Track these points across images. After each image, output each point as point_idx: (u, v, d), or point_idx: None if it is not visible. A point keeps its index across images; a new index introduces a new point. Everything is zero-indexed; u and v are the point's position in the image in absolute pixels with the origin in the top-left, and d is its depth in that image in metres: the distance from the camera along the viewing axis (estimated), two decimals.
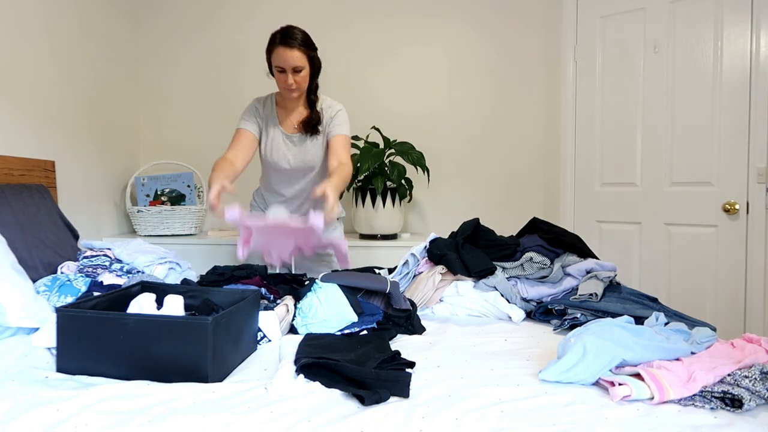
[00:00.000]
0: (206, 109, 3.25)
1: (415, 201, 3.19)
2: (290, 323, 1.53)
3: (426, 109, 3.16)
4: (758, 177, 2.41)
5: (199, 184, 3.07)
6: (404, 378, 1.09)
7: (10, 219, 1.82)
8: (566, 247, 1.87)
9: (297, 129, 2.13)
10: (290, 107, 2.14)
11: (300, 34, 1.98)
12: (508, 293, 1.75)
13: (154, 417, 0.95)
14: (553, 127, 3.04)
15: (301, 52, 1.96)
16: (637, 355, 1.11)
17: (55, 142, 2.48)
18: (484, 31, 3.11)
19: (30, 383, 1.09)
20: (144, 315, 1.20)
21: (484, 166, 3.15)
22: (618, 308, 1.54)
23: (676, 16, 2.61)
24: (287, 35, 1.96)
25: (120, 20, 3.03)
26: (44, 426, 0.92)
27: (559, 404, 1.02)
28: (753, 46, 2.42)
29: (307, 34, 2.01)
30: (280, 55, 1.96)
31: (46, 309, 1.44)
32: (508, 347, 1.41)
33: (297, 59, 1.96)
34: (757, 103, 2.40)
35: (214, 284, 1.70)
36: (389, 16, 3.14)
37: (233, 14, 3.22)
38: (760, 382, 1.01)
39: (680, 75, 2.61)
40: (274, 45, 1.98)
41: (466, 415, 0.97)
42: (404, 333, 1.54)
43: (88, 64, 2.72)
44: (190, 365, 1.12)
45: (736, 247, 2.48)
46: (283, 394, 1.06)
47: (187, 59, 3.25)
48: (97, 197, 2.83)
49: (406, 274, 1.93)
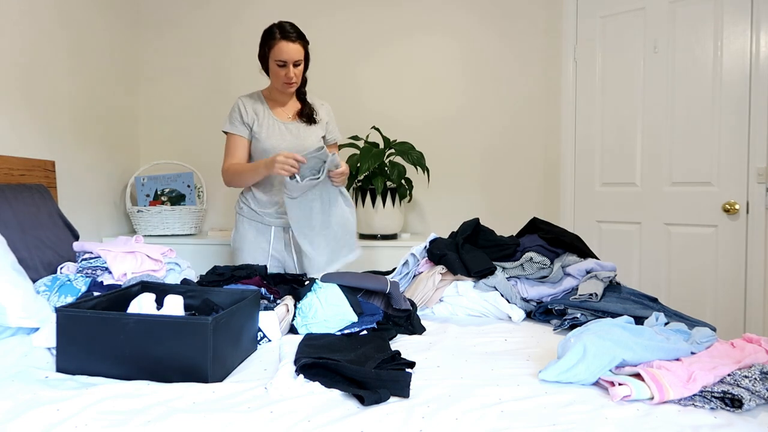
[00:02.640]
0: (206, 109, 3.25)
1: (415, 201, 3.19)
2: (290, 323, 1.53)
3: (426, 108, 3.16)
4: (758, 177, 2.41)
5: (199, 184, 3.07)
6: (404, 378, 1.09)
7: (10, 219, 1.82)
8: (566, 247, 1.87)
9: (292, 118, 2.18)
10: (280, 100, 2.19)
11: (297, 28, 2.06)
12: (508, 293, 1.75)
13: (154, 417, 0.95)
14: (553, 127, 3.04)
15: (300, 46, 2.04)
16: (637, 355, 1.11)
17: (55, 142, 2.48)
18: (484, 31, 3.11)
19: (30, 383, 1.09)
20: (144, 315, 1.20)
21: (484, 165, 3.15)
22: (618, 308, 1.54)
23: (676, 16, 2.61)
24: (287, 29, 2.02)
25: (120, 20, 3.03)
26: (44, 426, 0.92)
27: (559, 404, 1.02)
28: (753, 46, 2.42)
29: (300, 29, 2.08)
30: (283, 49, 2.01)
31: (46, 309, 1.44)
32: (508, 347, 1.41)
33: (298, 53, 2.03)
34: (757, 103, 2.40)
35: (214, 284, 1.70)
36: (389, 16, 3.14)
37: (231, 11, 3.22)
38: (760, 382, 1.01)
39: (680, 75, 2.61)
40: (274, 40, 2.02)
41: (466, 415, 0.97)
42: (404, 333, 1.54)
43: (88, 64, 2.72)
44: (190, 365, 1.12)
45: (736, 247, 2.48)
46: (283, 394, 1.06)
47: (188, 59, 3.25)
48: (97, 197, 2.83)
49: (406, 274, 1.93)
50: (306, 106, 2.18)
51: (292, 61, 2.02)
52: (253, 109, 2.16)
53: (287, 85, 2.08)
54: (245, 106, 2.16)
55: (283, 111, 2.19)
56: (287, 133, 2.15)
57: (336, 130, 2.30)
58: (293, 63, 2.03)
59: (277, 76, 2.07)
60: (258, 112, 2.16)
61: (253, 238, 2.19)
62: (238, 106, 2.16)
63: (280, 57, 2.02)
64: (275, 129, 2.14)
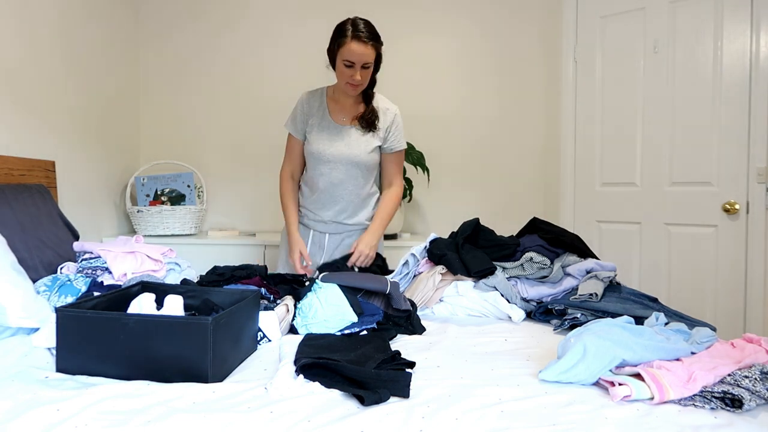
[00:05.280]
0: (206, 109, 3.25)
1: (415, 201, 3.18)
2: (290, 323, 1.53)
3: (426, 108, 3.15)
4: (758, 177, 2.41)
5: (199, 184, 3.07)
6: (404, 378, 1.09)
7: (10, 219, 1.82)
8: (566, 247, 1.87)
9: (349, 121, 2.06)
10: (342, 100, 2.07)
11: (371, 28, 1.92)
12: (508, 293, 1.75)
13: (154, 417, 0.95)
14: (553, 127, 3.04)
15: (373, 49, 1.92)
16: (637, 355, 1.11)
17: (55, 142, 2.48)
18: (484, 31, 3.11)
19: (30, 383, 1.09)
20: (144, 315, 1.20)
21: (484, 165, 3.15)
22: (618, 308, 1.54)
23: (676, 16, 2.61)
24: (360, 29, 1.89)
25: (120, 20, 3.03)
26: (44, 426, 0.92)
27: (559, 404, 1.02)
28: (753, 46, 2.42)
29: (375, 28, 1.94)
30: (353, 50, 1.88)
31: (46, 309, 1.44)
32: (508, 347, 1.41)
33: (369, 56, 1.91)
34: (757, 104, 2.40)
35: (214, 284, 1.70)
36: (390, 16, 3.14)
37: (232, 11, 3.21)
38: (760, 382, 1.01)
39: (680, 75, 2.61)
40: (344, 38, 1.89)
41: (466, 415, 0.97)
42: (404, 333, 1.54)
43: (88, 64, 2.72)
44: (190, 365, 1.12)
45: (736, 247, 2.48)
46: (283, 394, 1.06)
47: (188, 59, 3.25)
48: (97, 197, 2.83)
49: (406, 275, 1.93)
50: (368, 111, 2.05)
51: (361, 63, 1.90)
52: (312, 107, 2.07)
53: (352, 87, 1.96)
54: (304, 104, 2.08)
55: (342, 113, 2.07)
56: (338, 138, 2.03)
57: (398, 138, 2.11)
58: (362, 65, 1.91)
59: (343, 76, 1.95)
60: (315, 111, 2.06)
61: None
62: (299, 104, 2.09)
63: (348, 57, 1.89)
64: (326, 132, 2.04)
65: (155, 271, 1.85)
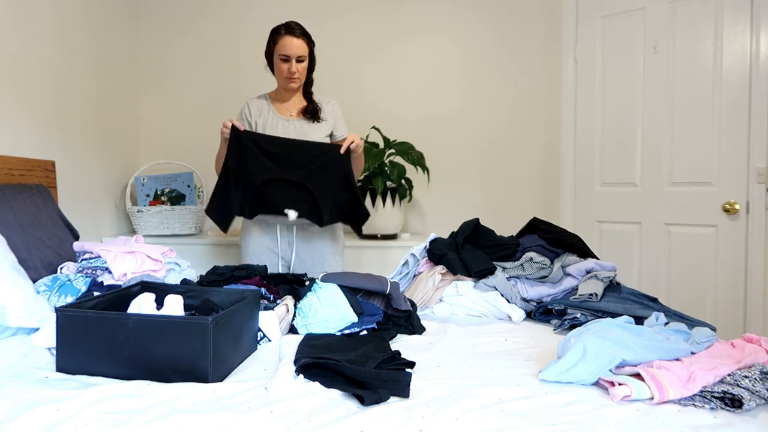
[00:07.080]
0: (206, 109, 3.25)
1: (415, 201, 3.18)
2: (290, 323, 1.53)
3: (426, 109, 3.15)
4: (758, 177, 2.41)
5: (199, 184, 3.07)
6: (404, 378, 1.09)
7: (10, 219, 1.82)
8: (566, 247, 1.87)
9: (295, 115, 2.20)
10: (286, 98, 2.22)
11: (301, 26, 2.13)
12: (508, 293, 1.75)
13: (154, 417, 0.95)
14: (553, 127, 3.04)
15: (304, 42, 2.10)
16: (637, 355, 1.11)
17: (55, 142, 2.48)
18: (484, 31, 3.11)
19: (30, 383, 1.09)
20: (144, 315, 1.20)
21: (484, 165, 3.15)
22: (618, 308, 1.54)
23: (676, 16, 2.61)
24: (292, 26, 2.10)
25: (120, 20, 3.03)
26: (44, 426, 0.92)
27: (559, 404, 1.02)
28: (753, 46, 2.42)
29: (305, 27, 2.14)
30: (286, 43, 2.07)
31: (46, 309, 1.44)
32: (508, 347, 1.41)
33: (301, 48, 2.09)
34: (757, 103, 2.40)
35: (214, 284, 1.70)
36: (389, 17, 3.14)
37: (232, 11, 3.21)
38: (760, 382, 1.01)
39: (680, 75, 2.61)
40: (278, 35, 2.09)
41: (466, 415, 0.97)
42: (404, 333, 1.54)
43: (88, 64, 2.72)
44: (190, 365, 1.12)
45: (736, 247, 2.48)
46: (283, 394, 1.06)
47: (188, 59, 3.25)
48: (97, 197, 2.83)
49: (406, 274, 1.93)
50: (311, 104, 2.21)
51: (295, 56, 2.08)
52: (258, 108, 2.21)
53: (289, 80, 2.12)
54: (250, 107, 2.22)
55: (287, 108, 2.21)
56: (291, 129, 2.16)
57: (343, 126, 2.28)
58: (296, 58, 2.08)
59: (281, 71, 2.12)
60: (262, 111, 2.20)
61: (258, 236, 2.20)
62: (244, 107, 2.24)
63: (283, 51, 2.07)
64: (278, 126, 2.17)
65: (155, 271, 1.85)
